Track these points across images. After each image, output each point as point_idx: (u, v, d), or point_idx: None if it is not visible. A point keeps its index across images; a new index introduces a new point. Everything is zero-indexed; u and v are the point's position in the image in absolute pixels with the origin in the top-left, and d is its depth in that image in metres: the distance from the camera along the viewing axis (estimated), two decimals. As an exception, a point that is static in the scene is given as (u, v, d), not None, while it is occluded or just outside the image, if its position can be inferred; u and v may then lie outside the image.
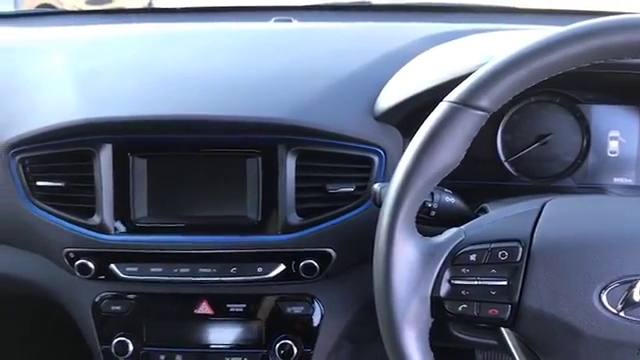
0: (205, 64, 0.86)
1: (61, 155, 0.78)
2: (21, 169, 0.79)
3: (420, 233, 0.56)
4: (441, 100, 0.62)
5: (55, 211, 0.79)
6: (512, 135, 0.84)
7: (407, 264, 0.54)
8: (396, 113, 0.77)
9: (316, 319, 0.83)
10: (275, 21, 1.07)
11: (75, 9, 1.67)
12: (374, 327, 0.98)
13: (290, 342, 0.82)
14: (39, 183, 0.79)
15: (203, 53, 0.89)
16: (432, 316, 0.55)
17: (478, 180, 0.82)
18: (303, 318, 0.83)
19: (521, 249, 0.54)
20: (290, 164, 0.77)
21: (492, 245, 0.54)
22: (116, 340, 0.83)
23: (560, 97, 0.82)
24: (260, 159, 0.78)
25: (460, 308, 0.54)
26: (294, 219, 0.78)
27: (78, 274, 0.80)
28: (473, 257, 0.54)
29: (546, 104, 0.83)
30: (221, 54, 0.89)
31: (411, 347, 0.54)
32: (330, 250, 0.79)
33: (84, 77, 0.83)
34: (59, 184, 0.78)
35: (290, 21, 1.07)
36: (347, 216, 0.78)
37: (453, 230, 0.57)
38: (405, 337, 0.53)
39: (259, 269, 0.79)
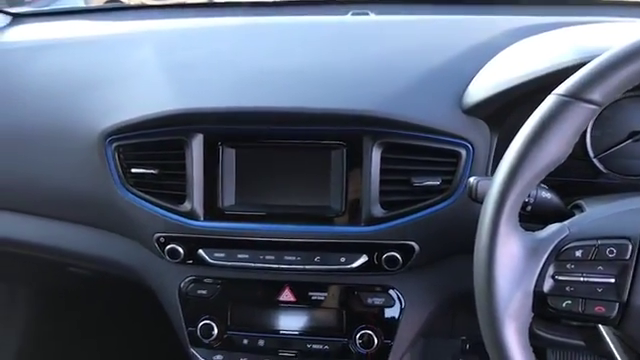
0: (291, 57, 0.87)
1: (155, 144, 0.81)
2: (116, 156, 0.83)
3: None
4: (537, 93, 0.61)
5: (147, 197, 0.82)
6: (602, 131, 0.81)
7: (510, 258, 0.53)
8: (486, 106, 0.76)
9: (397, 311, 0.83)
10: (352, 14, 1.08)
11: (141, 4, 1.71)
12: (454, 321, 0.98)
13: (370, 332, 0.83)
14: (133, 170, 0.82)
15: (288, 46, 0.91)
16: (533, 311, 0.55)
17: (566, 177, 0.80)
18: (384, 309, 0.83)
19: (631, 247, 0.53)
20: (375, 156, 0.77)
21: (599, 242, 0.53)
22: (201, 323, 0.86)
23: None
24: (345, 150, 0.79)
25: (564, 304, 0.54)
26: (378, 211, 0.78)
27: (168, 258, 0.83)
28: (579, 253, 0.53)
29: (639, 99, 0.80)
30: (305, 47, 0.90)
31: (512, 341, 0.53)
32: (413, 243, 0.79)
33: (177, 69, 0.86)
34: (152, 171, 0.82)
35: (367, 14, 1.07)
36: (431, 210, 0.78)
37: (556, 225, 0.56)
38: (506, 331, 0.53)
39: (342, 259, 0.80)
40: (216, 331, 0.86)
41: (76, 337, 1.57)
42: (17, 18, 1.15)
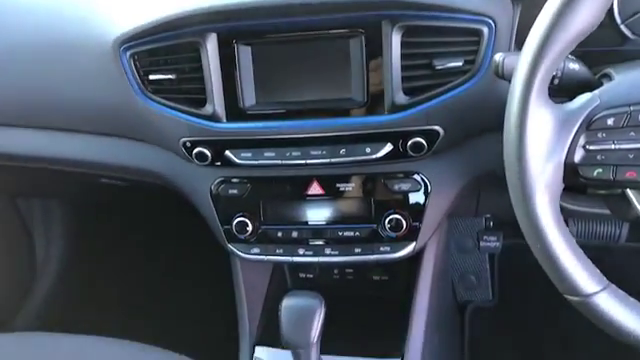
0: None
1: (169, 48, 0.80)
2: (133, 64, 0.82)
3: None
4: None
5: (168, 103, 0.82)
6: None
7: (541, 131, 0.54)
8: None
9: (423, 194, 0.85)
10: None
11: None
12: (478, 200, 1.00)
13: (399, 217, 0.86)
14: (151, 77, 0.82)
15: None
16: (564, 182, 0.56)
17: (592, 46, 0.78)
18: (411, 194, 0.85)
19: None
20: (395, 41, 0.75)
21: (632, 108, 0.53)
22: (236, 221, 0.89)
23: None
24: (364, 38, 0.77)
25: (595, 173, 0.55)
26: (401, 98, 0.77)
27: (196, 162, 0.85)
28: (610, 121, 0.54)
29: None
30: None
31: (544, 212, 0.55)
32: (437, 128, 0.79)
33: None
34: (170, 76, 0.81)
35: None
36: (455, 92, 0.77)
37: (587, 95, 0.56)
38: (538, 203, 0.55)
39: (367, 149, 0.81)
40: (250, 227, 0.89)
41: (115, 247, 1.65)
42: None
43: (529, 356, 1.46)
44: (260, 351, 0.97)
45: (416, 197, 0.86)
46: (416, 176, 0.85)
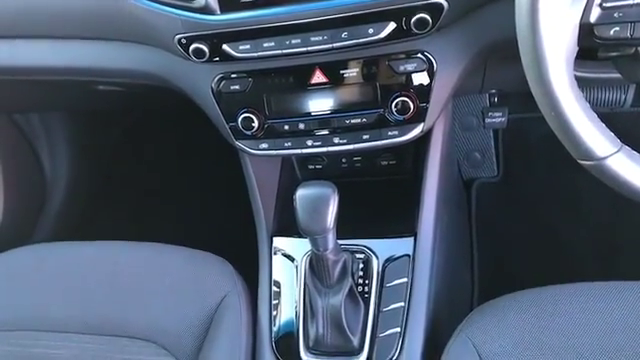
0: None
1: None
2: None
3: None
4: None
5: None
6: None
7: None
8: None
9: (430, 73, 0.83)
10: None
11: None
12: (484, 76, 0.98)
13: (405, 98, 0.84)
14: None
15: None
16: (578, 44, 0.54)
17: None
18: (417, 74, 0.83)
19: None
20: None
21: None
22: (241, 117, 0.88)
23: None
24: None
25: (612, 32, 0.53)
26: None
27: (194, 58, 0.82)
28: (629, -26, 0.51)
29: None
30: None
31: (558, 76, 0.54)
32: (441, 0, 0.76)
33: None
34: None
35: None
36: None
37: (604, -52, 0.52)
38: (552, 66, 0.53)
39: (370, 30, 0.78)
40: (256, 122, 0.88)
41: (122, 156, 1.65)
42: None
43: (536, 228, 1.51)
44: (278, 241, 1.00)
45: (422, 77, 0.84)
46: (421, 55, 0.82)
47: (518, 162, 1.60)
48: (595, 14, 0.52)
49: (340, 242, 0.86)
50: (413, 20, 0.76)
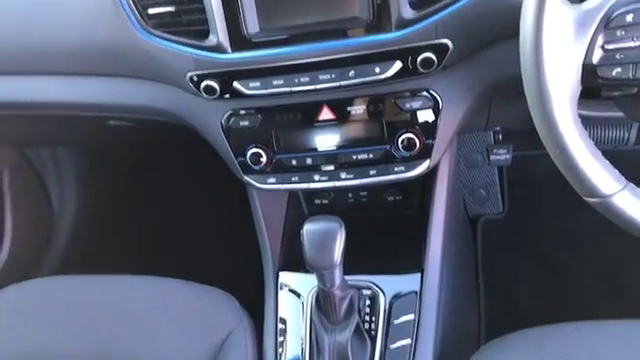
0: None
1: None
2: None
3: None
4: None
5: (171, 37, 0.81)
6: None
7: (559, 32, 0.53)
8: None
9: (435, 111, 0.85)
10: None
11: None
12: (489, 114, 1.00)
13: (411, 135, 0.86)
14: (150, 11, 0.80)
15: None
16: (582, 84, 0.55)
17: None
18: (422, 111, 0.85)
19: None
20: None
21: None
22: (250, 152, 0.89)
23: None
24: None
25: (614, 72, 0.54)
26: (408, 13, 0.76)
27: (205, 95, 0.84)
28: (630, 18, 0.52)
29: None
30: None
31: (563, 114, 0.55)
32: (446, 41, 0.78)
33: None
34: (169, 9, 0.79)
35: None
36: (463, 2, 0.75)
37: (604, -7, 0.54)
38: (556, 105, 0.54)
39: (377, 69, 0.80)
40: (265, 157, 0.89)
41: (129, 189, 1.66)
42: None
43: (542, 264, 1.50)
44: (284, 276, 1.00)
45: (428, 114, 0.85)
46: (426, 93, 0.84)
47: (523, 199, 1.61)
48: (597, 55, 0.54)
49: (347, 278, 0.86)
50: (419, 60, 0.78)
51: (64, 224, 1.58)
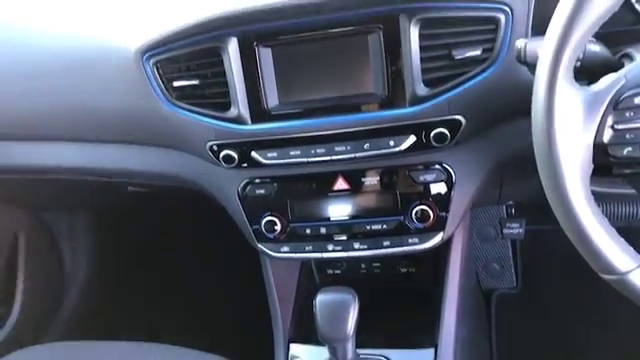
0: None
1: (191, 54, 0.81)
2: (156, 72, 0.83)
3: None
4: None
5: (194, 108, 0.84)
6: None
7: (570, 113, 0.55)
8: None
9: (448, 184, 0.86)
10: None
11: None
12: (502, 188, 1.01)
13: (425, 207, 0.87)
14: (175, 84, 0.83)
15: None
16: (593, 162, 0.57)
17: (609, 27, 0.79)
18: (436, 184, 0.86)
19: None
20: (413, 34, 0.76)
21: None
22: (264, 220, 0.91)
23: None
24: (382, 33, 0.77)
25: (625, 152, 0.55)
26: (422, 90, 0.78)
27: (223, 164, 0.86)
28: (638, 100, 0.54)
29: None
30: None
31: (576, 193, 0.56)
32: (459, 117, 0.80)
33: None
34: (194, 82, 0.82)
35: None
36: (475, 81, 0.78)
37: (612, 76, 0.57)
38: (570, 184, 0.55)
39: (391, 142, 0.82)
40: (279, 226, 0.90)
41: (142, 255, 1.67)
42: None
43: (556, 340, 1.46)
44: (295, 348, 0.98)
45: (441, 187, 0.87)
46: (440, 166, 0.86)
47: (537, 273, 1.59)
48: (608, 135, 0.55)
49: (359, 351, 0.84)
50: (432, 134, 0.81)
51: (74, 288, 1.58)
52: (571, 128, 0.55)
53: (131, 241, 1.66)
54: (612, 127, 0.55)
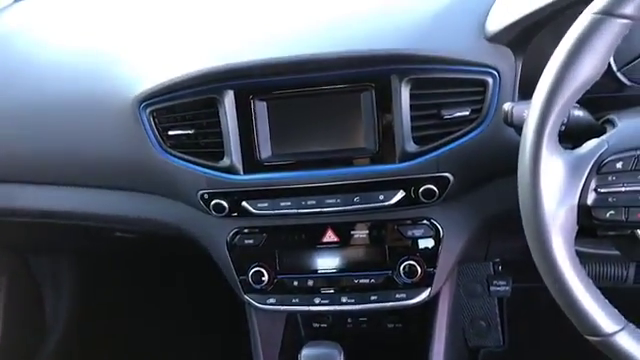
0: (310, 4, 0.87)
1: (188, 104, 0.83)
2: (152, 121, 0.85)
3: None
4: (564, 13, 0.62)
5: (188, 157, 0.85)
6: (624, 43, 0.81)
7: (554, 176, 0.56)
8: (509, 32, 0.77)
9: (436, 240, 0.87)
10: None
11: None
12: (489, 245, 1.02)
13: (413, 262, 0.87)
14: (170, 132, 0.85)
15: None
16: (578, 224, 0.58)
17: (592, 93, 0.82)
18: (424, 240, 0.87)
19: None
20: (404, 94, 0.79)
21: (639, 152, 0.56)
22: (252, 271, 0.90)
23: None
24: (374, 91, 0.80)
25: (608, 215, 0.57)
26: (411, 147, 0.80)
27: (213, 213, 0.87)
28: (619, 165, 0.56)
29: None
30: None
31: (560, 253, 0.57)
32: (448, 175, 0.82)
33: (199, 28, 0.86)
34: (189, 132, 0.84)
35: None
36: (463, 140, 0.80)
37: (595, 141, 0.59)
38: (554, 244, 0.56)
39: (381, 197, 0.83)
40: (267, 277, 0.90)
41: (126, 301, 1.64)
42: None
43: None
44: (279, 402, 0.96)
45: (429, 242, 0.87)
46: (428, 222, 0.87)
47: (524, 332, 1.57)
48: (591, 198, 0.57)
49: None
50: (421, 190, 0.82)
51: (54, 335, 1.53)
52: (556, 190, 0.56)
53: (116, 287, 1.63)
54: (595, 190, 0.57)
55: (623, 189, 0.56)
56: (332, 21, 0.83)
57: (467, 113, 0.79)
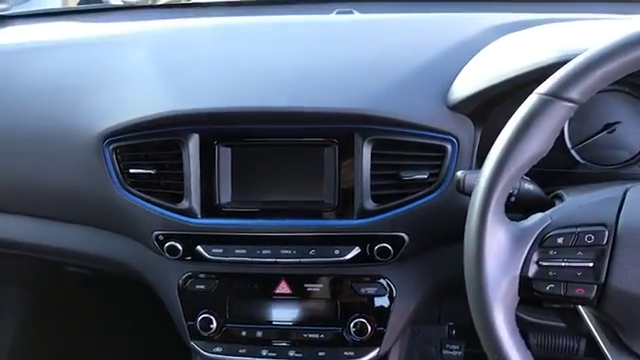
0: (280, 56, 0.89)
1: (152, 144, 0.84)
2: (114, 157, 0.85)
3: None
4: (518, 91, 0.65)
5: (146, 197, 0.85)
6: (579, 123, 0.86)
7: (498, 246, 0.58)
8: (469, 103, 0.80)
9: (388, 299, 0.87)
10: (337, 13, 1.10)
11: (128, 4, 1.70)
12: (441, 308, 1.02)
13: (364, 320, 0.87)
14: (131, 170, 0.84)
15: (276, 46, 0.93)
16: (519, 295, 0.59)
17: (546, 167, 0.84)
18: (376, 298, 0.87)
19: (607, 233, 0.57)
20: (366, 152, 0.81)
21: (579, 229, 0.58)
22: (200, 317, 0.89)
23: (628, 86, 0.84)
24: (337, 147, 0.82)
25: (548, 288, 0.58)
26: (369, 205, 0.82)
27: (167, 255, 0.86)
28: (560, 240, 0.58)
29: (614, 93, 0.84)
30: (293, 47, 0.93)
31: (500, 323, 0.57)
32: (403, 234, 0.83)
33: (169, 70, 0.88)
34: (150, 171, 0.84)
35: (352, 13, 1.10)
36: (420, 202, 0.81)
37: (539, 215, 0.60)
38: (495, 314, 0.57)
39: (336, 251, 0.84)
40: (215, 324, 0.88)
41: (73, 336, 1.58)
42: (2, 20, 1.16)
43: None
44: None
45: (381, 301, 0.88)
46: (382, 280, 0.87)
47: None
48: (533, 270, 0.58)
49: None
50: (376, 248, 0.83)
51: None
52: (499, 260, 0.57)
53: (64, 321, 1.57)
54: (537, 263, 0.58)
55: (563, 264, 0.58)
56: (302, 76, 0.86)
57: (425, 176, 0.81)
